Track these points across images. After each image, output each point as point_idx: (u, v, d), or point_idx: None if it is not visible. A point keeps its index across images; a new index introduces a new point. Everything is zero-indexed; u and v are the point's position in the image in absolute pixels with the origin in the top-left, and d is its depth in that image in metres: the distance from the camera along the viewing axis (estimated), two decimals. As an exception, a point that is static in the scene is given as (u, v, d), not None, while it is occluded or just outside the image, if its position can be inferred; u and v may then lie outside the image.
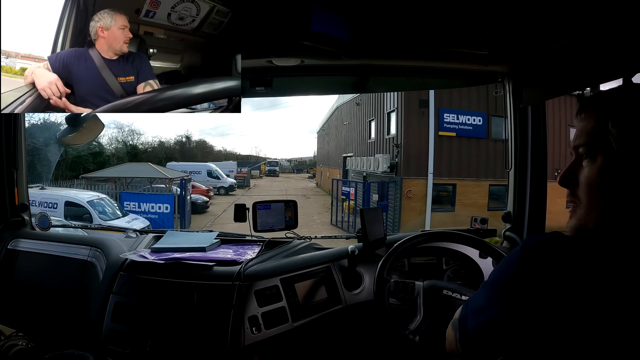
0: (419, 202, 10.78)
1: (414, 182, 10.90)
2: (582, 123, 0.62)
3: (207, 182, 18.62)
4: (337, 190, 13.07)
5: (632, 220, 0.56)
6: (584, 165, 0.61)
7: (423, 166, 10.89)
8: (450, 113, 11.07)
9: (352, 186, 12.29)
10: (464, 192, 11.13)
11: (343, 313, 1.40)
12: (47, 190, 9.05)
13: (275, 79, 1.48)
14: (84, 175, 15.28)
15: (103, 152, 23.18)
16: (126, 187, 12.94)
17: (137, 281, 1.32)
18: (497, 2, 1.04)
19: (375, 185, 11.55)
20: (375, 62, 1.45)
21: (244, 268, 1.33)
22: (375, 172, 12.25)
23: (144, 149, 28.89)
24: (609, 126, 0.57)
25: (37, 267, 1.54)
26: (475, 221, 1.63)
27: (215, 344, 1.22)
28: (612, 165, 0.57)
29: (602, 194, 0.59)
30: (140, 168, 15.20)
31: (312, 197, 19.90)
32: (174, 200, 10.73)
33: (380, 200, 11.03)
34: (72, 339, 1.37)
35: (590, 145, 0.60)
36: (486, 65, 1.45)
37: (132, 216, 9.60)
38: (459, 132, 11.17)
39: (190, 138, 35.49)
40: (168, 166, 18.47)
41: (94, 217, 8.63)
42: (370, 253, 1.47)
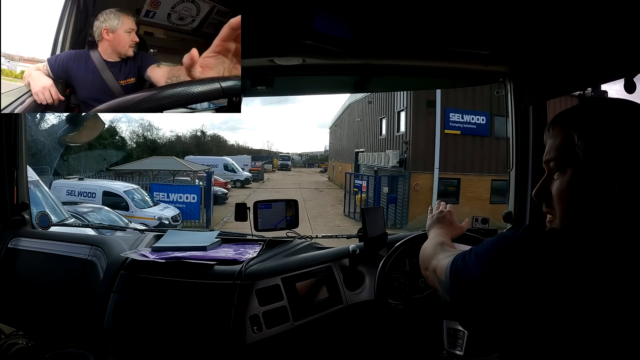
0: (425, 195, 11.48)
1: (421, 176, 11.70)
2: (551, 139, 0.67)
3: (224, 175, 19.21)
4: (349, 183, 13.86)
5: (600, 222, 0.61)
6: (555, 178, 0.66)
7: (430, 161, 11.64)
8: (455, 112, 11.80)
9: (364, 179, 13.13)
10: (468, 186, 11.87)
11: (344, 312, 1.40)
12: (85, 181, 10.03)
13: (276, 79, 1.48)
14: (113, 168, 15.77)
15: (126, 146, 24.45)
16: (153, 179, 13.68)
17: (138, 280, 1.32)
18: (498, 2, 1.04)
19: (386, 179, 12.21)
20: (377, 62, 1.45)
21: (245, 267, 1.33)
22: (385, 166, 13.05)
23: (162, 143, 29.71)
24: (576, 139, 0.62)
25: (37, 266, 1.54)
26: (476, 221, 1.63)
27: (216, 343, 1.22)
28: (580, 175, 0.62)
29: (572, 202, 0.63)
30: (165, 161, 16.20)
31: (325, 190, 20.41)
32: (200, 191, 11.42)
33: (390, 193, 11.77)
34: (72, 337, 1.37)
35: (560, 159, 0.64)
36: (487, 65, 1.45)
37: (162, 205, 10.35)
38: (464, 130, 11.91)
39: (205, 133, 36.39)
40: (186, 159, 18.92)
41: (130, 205, 9.39)
42: (371, 252, 1.47)
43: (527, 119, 1.55)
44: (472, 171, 11.93)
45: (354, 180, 13.71)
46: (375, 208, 1.59)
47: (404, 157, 12.20)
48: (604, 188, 0.59)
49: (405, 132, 12.43)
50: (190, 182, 13.92)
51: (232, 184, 19.24)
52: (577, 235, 0.62)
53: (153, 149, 26.55)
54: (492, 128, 11.92)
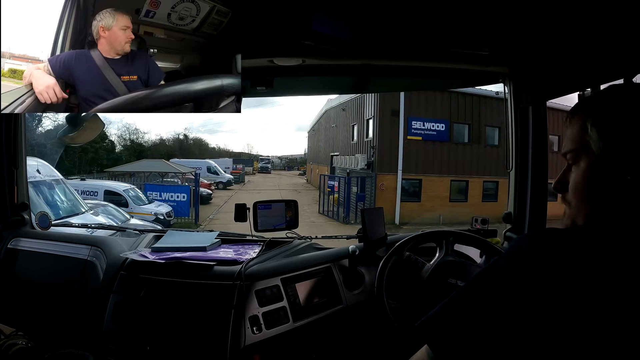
0: (390, 194, 13.27)
1: (386, 177, 13.39)
2: (569, 130, 0.65)
3: (207, 178, 20.08)
4: (324, 184, 15.48)
5: (616, 217, 0.59)
6: (572, 171, 0.64)
7: (394, 164, 13.43)
8: (417, 120, 13.66)
9: (336, 181, 14.75)
10: (429, 186, 13.77)
11: (344, 313, 1.40)
12: (87, 181, 11.29)
13: (276, 79, 1.48)
14: (108, 170, 17.45)
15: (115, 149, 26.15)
16: (145, 180, 15.05)
17: (138, 280, 1.32)
18: (498, 3, 1.04)
19: (355, 180, 13.72)
20: (377, 63, 1.45)
21: (245, 268, 1.33)
22: (355, 169, 14.73)
23: (148, 146, 31.09)
24: (589, 129, 0.60)
25: (37, 266, 1.54)
26: (476, 221, 1.63)
27: (215, 343, 1.22)
28: (592, 167, 0.60)
29: (587, 195, 0.61)
30: (155, 164, 17.67)
31: (302, 191, 21.39)
32: (190, 191, 12.67)
33: (360, 192, 13.30)
34: (72, 338, 1.36)
35: (575, 150, 0.63)
36: (487, 66, 1.45)
37: (157, 203, 11.53)
38: (425, 136, 13.76)
39: (187, 136, 37.84)
40: (171, 162, 19.85)
41: (129, 202, 10.47)
42: (371, 253, 1.47)
43: (527, 119, 1.55)
44: (432, 172, 13.70)
45: (328, 182, 15.20)
46: (376, 209, 1.59)
47: (371, 160, 13.83)
48: (617, 180, 0.57)
49: (372, 138, 14.03)
50: (179, 183, 15.39)
51: (215, 185, 20.21)
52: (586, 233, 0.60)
53: (140, 152, 27.80)
54: (451, 134, 13.86)
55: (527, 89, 1.49)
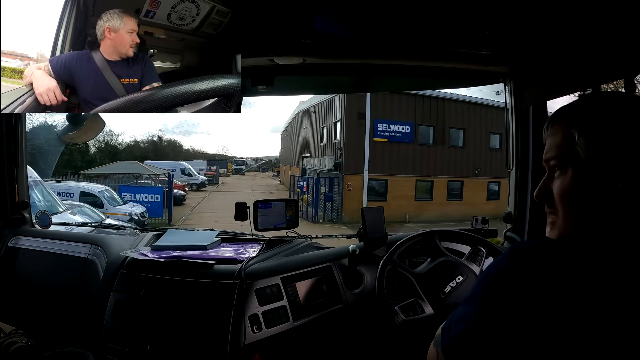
0: (357, 194, 13.58)
1: (353, 177, 13.72)
2: (550, 138, 0.64)
3: (181, 179, 20.28)
4: (294, 185, 15.99)
5: (606, 225, 0.58)
6: (555, 177, 0.63)
7: (360, 165, 13.76)
8: (383, 123, 14.05)
9: (305, 181, 15.24)
10: (395, 186, 14.13)
11: (344, 312, 1.40)
12: (63, 182, 11.26)
13: (276, 78, 1.48)
14: (83, 172, 17.47)
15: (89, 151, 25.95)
16: (119, 181, 15.14)
17: (138, 279, 1.32)
18: (498, 3, 1.04)
19: (324, 180, 14.20)
20: (377, 62, 1.45)
21: (245, 267, 1.33)
22: (323, 169, 15.27)
23: (122, 148, 31.15)
24: (576, 137, 0.59)
25: (37, 264, 1.54)
26: (476, 221, 1.63)
27: (215, 342, 1.22)
28: (582, 175, 0.59)
29: (575, 203, 0.60)
30: (129, 165, 17.82)
31: (275, 192, 21.64)
32: (163, 192, 12.95)
33: (328, 192, 13.80)
34: (72, 336, 1.37)
35: (561, 158, 0.62)
36: (488, 65, 1.45)
37: (131, 203, 11.79)
38: (390, 138, 14.17)
39: (162, 138, 37.87)
40: (145, 164, 20.07)
41: (104, 203, 10.70)
42: (371, 252, 1.47)
43: (527, 119, 1.55)
44: (398, 173, 14.04)
45: (297, 182, 15.70)
46: (376, 208, 1.59)
47: (338, 161, 14.27)
48: (608, 187, 0.57)
49: (340, 140, 14.48)
50: (153, 184, 15.65)
51: (188, 187, 20.46)
52: (576, 242, 0.60)
53: (114, 154, 27.91)
54: (416, 136, 14.29)
55: (527, 88, 1.49)
